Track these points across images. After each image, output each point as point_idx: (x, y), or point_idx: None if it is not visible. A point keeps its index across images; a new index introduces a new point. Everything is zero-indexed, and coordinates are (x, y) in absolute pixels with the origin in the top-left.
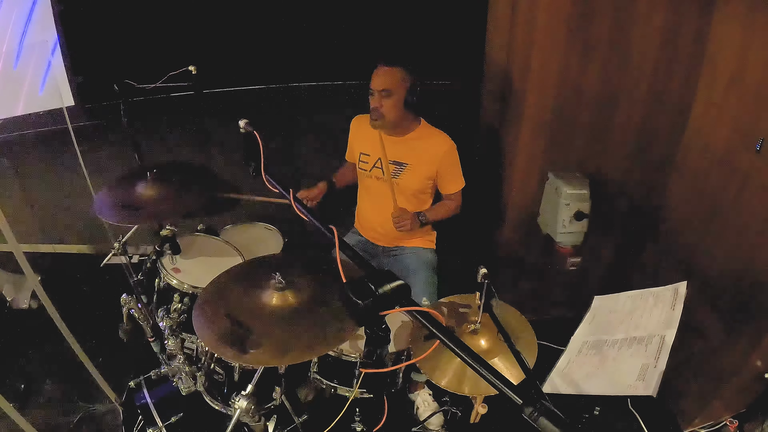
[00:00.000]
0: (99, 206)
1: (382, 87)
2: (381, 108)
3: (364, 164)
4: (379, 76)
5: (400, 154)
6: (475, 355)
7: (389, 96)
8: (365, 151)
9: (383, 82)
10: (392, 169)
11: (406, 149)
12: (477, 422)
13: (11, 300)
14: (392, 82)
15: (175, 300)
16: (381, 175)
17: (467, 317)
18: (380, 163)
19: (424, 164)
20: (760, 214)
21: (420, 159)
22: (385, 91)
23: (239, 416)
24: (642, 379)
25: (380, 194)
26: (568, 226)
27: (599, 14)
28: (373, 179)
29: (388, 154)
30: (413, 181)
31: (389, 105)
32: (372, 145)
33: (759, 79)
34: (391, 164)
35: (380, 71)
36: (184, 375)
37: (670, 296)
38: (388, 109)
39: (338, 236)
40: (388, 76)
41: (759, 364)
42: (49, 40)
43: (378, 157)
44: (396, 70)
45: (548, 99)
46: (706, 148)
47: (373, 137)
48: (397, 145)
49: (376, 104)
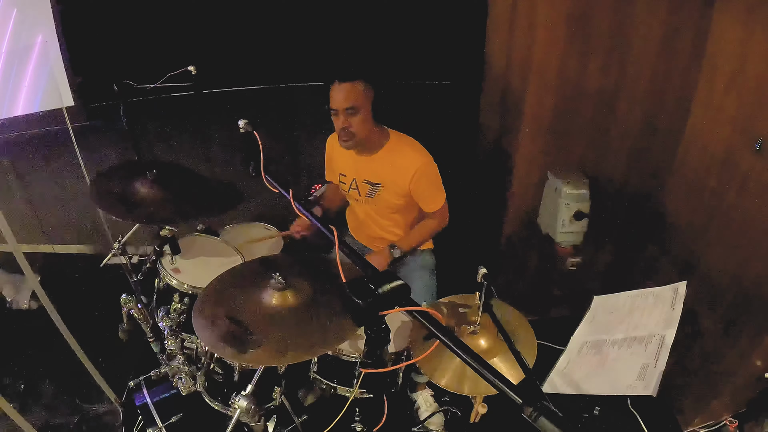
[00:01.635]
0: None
1: (346, 105)
2: (351, 127)
3: (343, 185)
4: (339, 93)
5: (373, 174)
6: (475, 355)
7: (356, 113)
8: (343, 172)
9: (346, 99)
10: (367, 190)
11: (377, 168)
12: (477, 422)
13: (11, 300)
14: (356, 97)
15: (175, 300)
16: (358, 196)
17: (467, 317)
18: (355, 184)
19: (398, 182)
20: (759, 214)
21: (393, 177)
22: (350, 108)
23: (239, 416)
24: (642, 379)
25: (363, 213)
26: (567, 226)
27: (599, 14)
28: (352, 199)
29: (361, 174)
30: (390, 200)
31: (358, 122)
32: (346, 165)
33: (758, 79)
34: (365, 184)
35: (340, 88)
36: (184, 375)
37: (669, 296)
38: (358, 126)
39: (338, 236)
40: (351, 92)
41: (759, 363)
42: (49, 41)
43: (353, 178)
44: (357, 84)
45: (548, 99)
46: (706, 147)
47: (345, 157)
48: (369, 164)
49: (343, 124)
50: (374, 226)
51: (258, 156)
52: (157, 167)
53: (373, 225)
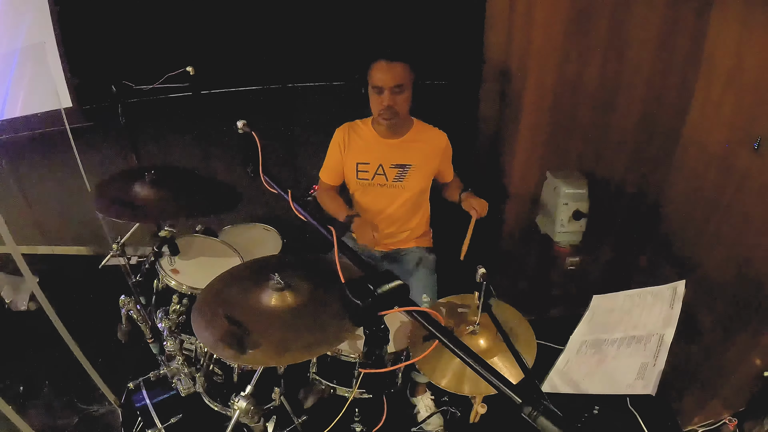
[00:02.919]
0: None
1: (395, 83)
2: (395, 105)
3: (364, 173)
4: (388, 72)
5: (402, 156)
6: (474, 355)
7: (402, 91)
8: (363, 160)
9: (395, 77)
10: (395, 174)
11: (407, 150)
12: (476, 422)
13: (10, 302)
14: (403, 76)
15: (174, 301)
16: (384, 181)
17: (466, 317)
18: (382, 170)
19: (429, 162)
20: (758, 212)
21: (424, 157)
22: (398, 86)
23: (238, 417)
24: (641, 378)
25: (386, 199)
26: (566, 226)
27: (597, 13)
28: (375, 187)
29: (389, 159)
30: (419, 181)
31: (402, 101)
32: (369, 151)
33: (756, 78)
34: (394, 168)
35: (388, 67)
36: (183, 376)
37: (668, 295)
38: (402, 105)
39: (337, 237)
40: (399, 71)
41: (758, 362)
42: (46, 42)
43: (379, 163)
44: (403, 66)
45: (546, 98)
46: (704, 146)
47: (368, 143)
48: (398, 147)
49: (389, 102)
50: (400, 209)
51: (256, 156)
52: (155, 168)
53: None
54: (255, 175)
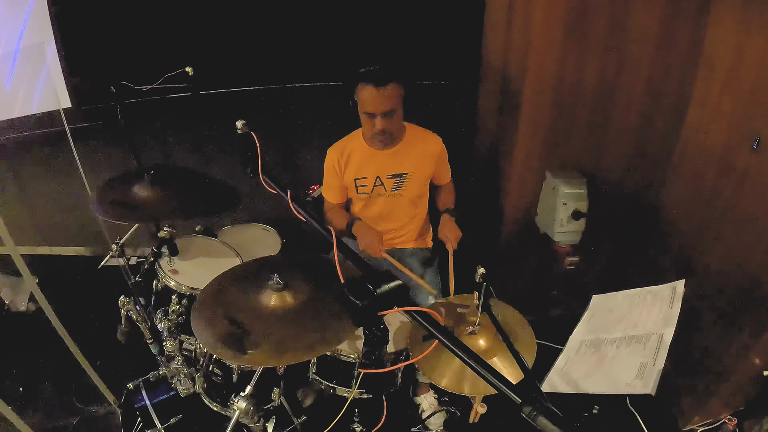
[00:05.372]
0: (95, 204)
1: (386, 108)
2: (389, 128)
3: (363, 188)
4: (378, 98)
5: (398, 166)
6: (474, 355)
7: (393, 114)
8: (360, 176)
9: (385, 102)
10: (393, 183)
11: (402, 159)
12: (476, 422)
13: (9, 303)
14: (394, 98)
15: (173, 301)
16: (384, 191)
17: (466, 317)
18: (379, 181)
19: (424, 168)
20: (757, 212)
21: (419, 164)
22: (389, 112)
23: (238, 417)
24: (641, 378)
25: (387, 208)
26: (565, 225)
27: (596, 14)
28: (376, 198)
29: (386, 169)
30: (416, 188)
31: (395, 123)
32: (365, 166)
33: (755, 78)
34: (391, 178)
35: (378, 93)
36: (183, 376)
37: (668, 294)
38: (395, 126)
39: (336, 237)
40: (389, 95)
41: (757, 362)
42: (45, 42)
43: (376, 175)
44: (393, 87)
45: (545, 98)
46: (703, 146)
47: (363, 158)
48: (394, 157)
49: (383, 126)
50: (402, 215)
51: (256, 157)
52: (154, 168)
53: (401, 215)
54: (254, 175)
